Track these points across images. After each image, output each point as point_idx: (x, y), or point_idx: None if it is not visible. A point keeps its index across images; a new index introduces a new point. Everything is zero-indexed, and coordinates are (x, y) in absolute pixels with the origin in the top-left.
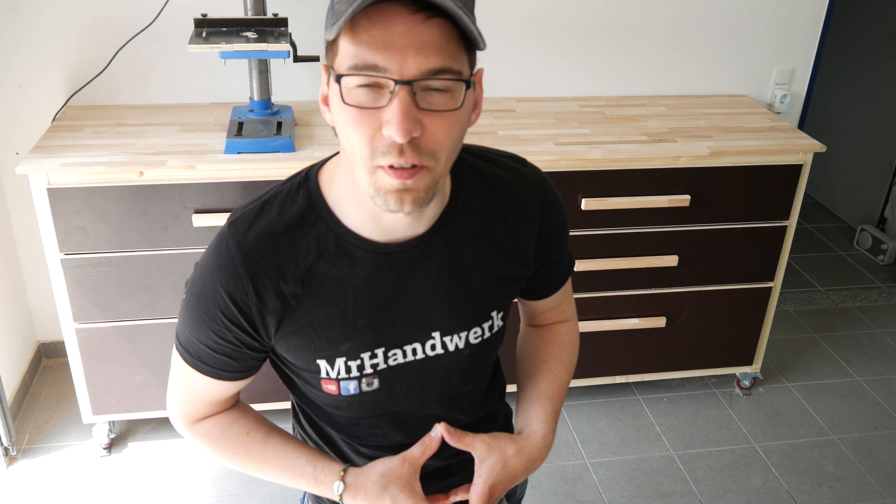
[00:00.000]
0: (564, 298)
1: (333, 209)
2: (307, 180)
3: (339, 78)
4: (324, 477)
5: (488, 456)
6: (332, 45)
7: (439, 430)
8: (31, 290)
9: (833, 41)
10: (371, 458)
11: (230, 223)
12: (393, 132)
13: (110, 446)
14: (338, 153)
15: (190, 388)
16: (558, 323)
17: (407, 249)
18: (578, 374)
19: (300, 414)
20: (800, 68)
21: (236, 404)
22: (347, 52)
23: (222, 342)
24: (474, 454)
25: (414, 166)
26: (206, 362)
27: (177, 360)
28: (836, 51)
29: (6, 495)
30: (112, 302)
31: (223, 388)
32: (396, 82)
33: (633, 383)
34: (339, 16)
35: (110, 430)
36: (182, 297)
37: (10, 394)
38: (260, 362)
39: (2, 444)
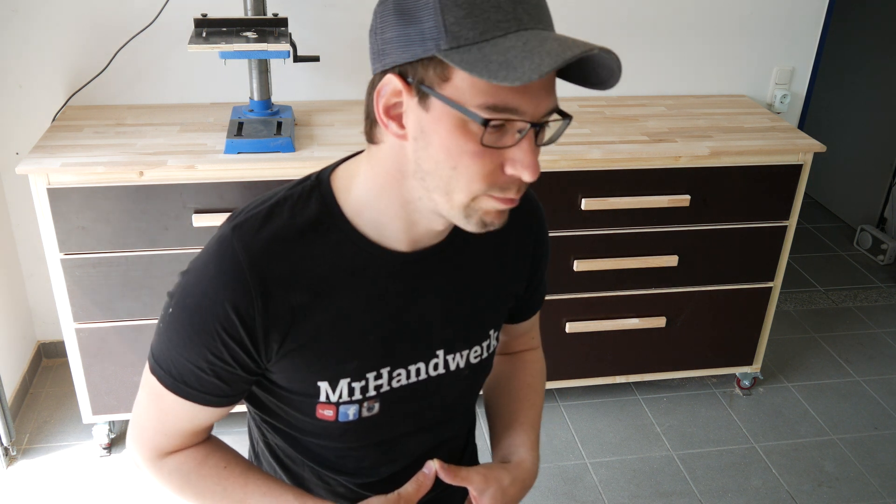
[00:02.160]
0: (535, 324)
1: (350, 216)
2: (319, 185)
3: (486, 122)
4: None
5: (486, 487)
6: (435, 66)
7: (433, 467)
8: (31, 290)
9: (833, 41)
10: (348, 499)
11: (235, 226)
12: (526, 174)
13: (110, 446)
14: (348, 158)
15: (165, 417)
16: (527, 351)
17: (422, 258)
18: (578, 374)
19: (266, 454)
20: (800, 68)
21: (209, 438)
22: (478, 87)
23: (216, 362)
24: (471, 487)
25: None
26: (193, 386)
27: (151, 384)
28: (836, 51)
29: (6, 495)
30: (112, 302)
31: (205, 416)
32: (532, 125)
33: (633, 383)
34: (460, 41)
35: (110, 430)
36: (167, 311)
37: (10, 394)
38: (249, 386)
39: (2, 444)
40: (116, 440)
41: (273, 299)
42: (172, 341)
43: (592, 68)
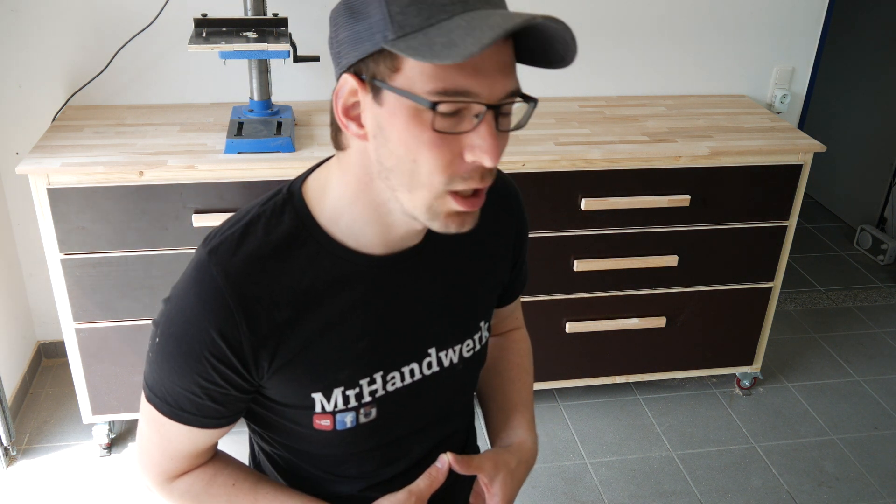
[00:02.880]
0: (518, 305)
1: (325, 226)
2: (291, 198)
3: (434, 105)
4: None
5: (496, 473)
6: (384, 58)
7: (446, 460)
8: (31, 290)
9: (833, 41)
10: (354, 502)
11: (210, 250)
12: (485, 158)
13: (110, 446)
14: (319, 165)
15: (167, 443)
16: (513, 330)
17: (402, 260)
18: (578, 375)
19: (267, 464)
20: (800, 68)
21: (216, 455)
22: (427, 72)
23: (209, 386)
24: (482, 475)
25: (478, 190)
26: (189, 411)
27: (149, 412)
28: (836, 51)
29: (6, 495)
30: (112, 302)
31: (206, 438)
32: (488, 107)
33: (633, 383)
34: (406, 28)
35: (110, 430)
36: (154, 340)
37: (10, 394)
38: (245, 405)
39: (2, 444)
40: (116, 440)
41: (257, 320)
42: (164, 370)
43: (549, 45)
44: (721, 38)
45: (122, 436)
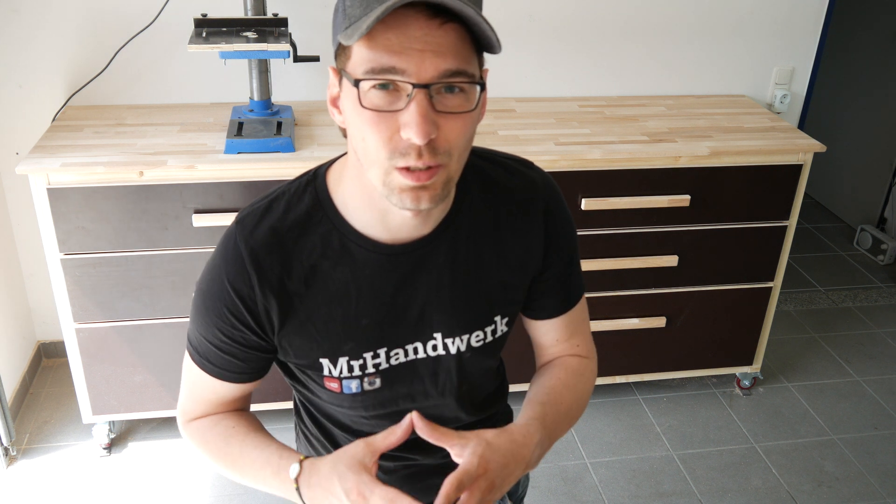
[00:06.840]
0: (577, 331)
1: (339, 209)
2: (315, 179)
3: (357, 82)
4: (286, 463)
5: (467, 442)
6: (344, 49)
7: (409, 418)
8: (31, 290)
9: (833, 41)
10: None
11: (238, 220)
12: (412, 135)
13: (110, 446)
14: (345, 154)
15: (193, 386)
16: (573, 356)
17: (411, 250)
18: None
19: (302, 410)
20: (800, 68)
21: (238, 412)
22: (363, 56)
23: (229, 341)
24: (451, 449)
25: (430, 167)
26: (213, 362)
27: (187, 357)
28: (836, 51)
29: (6, 495)
30: (112, 302)
31: (227, 390)
32: (415, 86)
33: (633, 383)
34: (352, 20)
35: (110, 430)
36: (193, 295)
37: (10, 394)
38: (266, 364)
39: (2, 444)
40: (116, 440)
41: (270, 287)
42: (194, 321)
43: (481, 31)
44: (721, 38)
45: (122, 436)
